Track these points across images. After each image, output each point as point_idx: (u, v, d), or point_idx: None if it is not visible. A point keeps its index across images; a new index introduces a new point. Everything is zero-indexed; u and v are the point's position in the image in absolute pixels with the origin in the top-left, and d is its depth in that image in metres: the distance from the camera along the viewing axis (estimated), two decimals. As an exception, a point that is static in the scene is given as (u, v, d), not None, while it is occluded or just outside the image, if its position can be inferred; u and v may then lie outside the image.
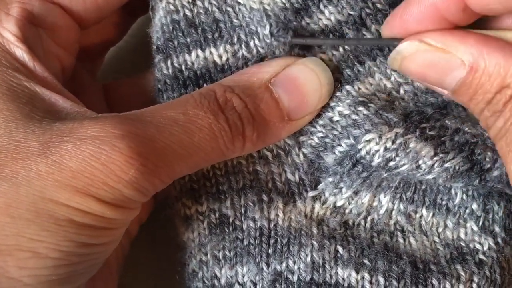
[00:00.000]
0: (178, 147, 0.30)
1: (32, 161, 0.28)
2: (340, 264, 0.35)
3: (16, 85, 0.31)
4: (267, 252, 0.35)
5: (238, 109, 0.33)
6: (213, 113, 0.32)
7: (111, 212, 0.29)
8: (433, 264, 0.35)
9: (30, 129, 0.29)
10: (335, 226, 0.36)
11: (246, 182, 0.36)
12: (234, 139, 0.32)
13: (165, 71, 0.37)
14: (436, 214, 0.36)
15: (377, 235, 0.36)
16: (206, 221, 0.36)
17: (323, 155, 0.36)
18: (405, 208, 0.36)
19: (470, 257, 0.35)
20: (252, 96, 0.33)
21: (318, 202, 0.36)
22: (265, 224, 0.36)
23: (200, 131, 0.31)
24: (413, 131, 0.34)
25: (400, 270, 0.34)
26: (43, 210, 0.28)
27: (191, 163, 0.32)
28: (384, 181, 0.36)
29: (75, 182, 0.28)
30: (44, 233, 0.28)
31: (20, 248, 0.28)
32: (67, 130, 0.29)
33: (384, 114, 0.35)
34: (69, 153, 0.28)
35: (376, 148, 0.34)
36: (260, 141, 0.34)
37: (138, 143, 0.29)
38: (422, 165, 0.33)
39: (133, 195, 0.30)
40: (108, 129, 0.29)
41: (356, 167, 0.35)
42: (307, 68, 0.35)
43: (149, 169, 0.29)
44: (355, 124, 0.35)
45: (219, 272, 0.36)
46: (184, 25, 0.37)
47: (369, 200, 0.36)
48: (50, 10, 0.35)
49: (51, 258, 0.29)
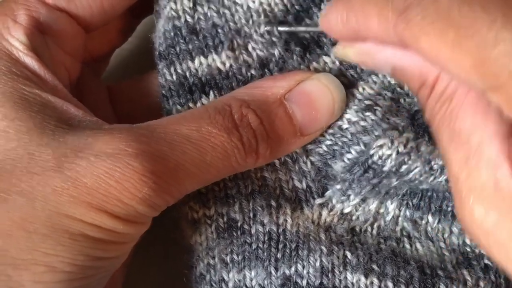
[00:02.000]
0: (190, 165, 0.31)
1: (47, 176, 0.29)
2: (349, 269, 0.35)
3: (28, 93, 0.31)
4: (275, 256, 0.35)
5: (253, 125, 0.33)
6: (227, 131, 0.32)
7: (124, 227, 0.30)
8: (440, 269, 0.35)
9: (44, 141, 0.30)
10: (342, 232, 0.36)
11: (254, 187, 0.36)
12: (247, 156, 0.33)
13: (169, 77, 0.37)
14: (442, 220, 0.37)
15: (384, 241, 0.36)
16: (214, 225, 0.36)
17: (331, 163, 0.36)
18: (411, 215, 0.37)
19: (475, 262, 0.36)
20: (267, 112, 0.34)
21: (325, 209, 0.37)
22: (273, 228, 0.36)
23: (213, 150, 0.31)
24: (422, 135, 0.34)
25: (409, 275, 0.35)
26: (59, 225, 0.29)
27: (202, 180, 0.32)
28: (392, 188, 0.36)
29: (90, 198, 0.29)
30: (60, 247, 0.29)
31: (35, 263, 0.28)
32: (81, 145, 0.30)
33: (392, 119, 0.35)
34: (84, 169, 0.29)
35: (389, 153, 0.34)
36: (272, 157, 0.35)
37: (152, 161, 0.30)
38: (435, 165, 0.34)
39: (145, 211, 0.30)
40: (123, 146, 0.30)
41: (367, 173, 0.35)
42: (321, 84, 0.35)
43: (161, 186, 0.30)
44: (364, 130, 0.35)
45: (226, 275, 0.35)
46: (186, 32, 0.37)
47: (376, 207, 0.37)
48: (57, 17, 0.35)
49: (66, 272, 0.29)
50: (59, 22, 0.35)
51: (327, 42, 0.37)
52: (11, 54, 0.32)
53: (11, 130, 0.30)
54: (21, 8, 0.33)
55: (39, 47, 0.33)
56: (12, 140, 0.30)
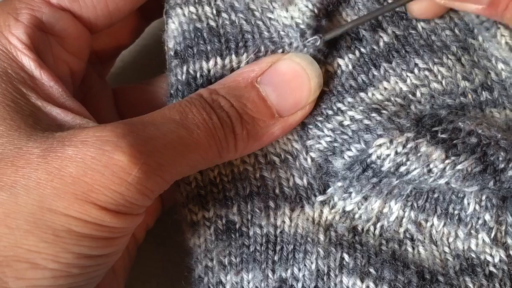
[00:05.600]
0: (178, 144, 0.31)
1: (32, 168, 0.28)
2: (345, 273, 0.34)
3: (20, 98, 0.32)
4: (273, 259, 0.36)
5: (225, 108, 0.33)
6: (205, 110, 0.32)
7: (113, 219, 0.29)
8: (441, 275, 0.34)
9: (32, 137, 0.29)
10: (344, 231, 0.36)
11: (253, 189, 0.37)
12: (227, 137, 0.33)
13: (180, 76, 0.37)
14: (448, 224, 0.36)
15: (386, 243, 0.36)
16: (212, 227, 0.37)
17: (331, 160, 0.36)
18: (416, 216, 0.36)
19: (480, 269, 0.35)
20: (237, 97, 0.34)
21: (327, 206, 0.36)
22: (271, 231, 0.36)
23: (197, 127, 0.32)
24: (424, 134, 0.33)
25: (406, 280, 0.34)
26: (41, 220, 0.28)
27: (191, 160, 0.32)
28: (395, 188, 0.36)
29: (75, 189, 0.28)
30: (43, 244, 0.28)
31: (18, 259, 0.28)
32: (68, 136, 0.29)
33: (397, 120, 0.34)
34: (69, 158, 0.28)
35: (387, 153, 0.34)
36: (252, 139, 0.34)
37: (140, 141, 0.29)
38: (434, 168, 0.33)
39: (136, 198, 0.29)
40: (110, 128, 0.29)
41: (366, 172, 0.35)
42: (294, 63, 0.35)
43: (151, 167, 0.29)
44: (367, 129, 0.35)
45: (224, 278, 0.36)
46: (207, 34, 0.37)
47: (379, 207, 0.36)
48: (60, 17, 0.35)
49: (49, 269, 0.28)
50: (63, 22, 0.35)
51: (344, 43, 0.37)
52: (8, 53, 0.33)
53: (2, 127, 0.30)
54: (24, 7, 0.33)
55: (40, 45, 0.33)
56: (2, 136, 0.30)
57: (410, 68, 0.36)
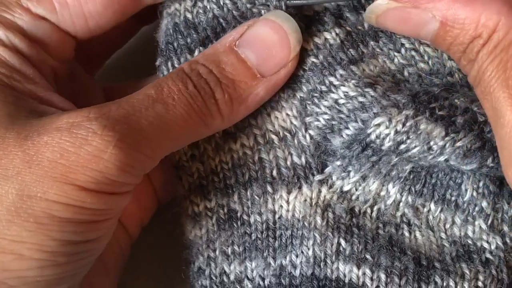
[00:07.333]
0: (154, 119, 0.31)
1: (10, 158, 0.28)
2: (341, 259, 0.35)
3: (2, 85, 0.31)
4: (273, 246, 0.36)
5: (203, 75, 0.33)
6: (181, 81, 0.32)
7: (94, 199, 0.29)
8: (437, 261, 0.35)
9: (10, 126, 0.29)
10: (341, 213, 0.36)
11: (251, 174, 0.37)
12: (207, 103, 0.33)
13: (166, 73, 0.37)
14: (445, 210, 0.36)
15: (383, 226, 0.36)
16: (215, 217, 0.37)
17: (330, 138, 0.36)
18: (413, 201, 0.36)
19: (476, 256, 0.35)
20: (216, 62, 0.34)
21: (325, 186, 0.36)
22: (270, 217, 0.36)
23: (172, 100, 0.32)
24: (423, 112, 0.33)
25: (403, 267, 0.34)
26: (22, 208, 0.28)
27: (173, 134, 0.32)
28: (393, 170, 0.36)
29: (52, 172, 0.28)
30: (26, 233, 0.28)
31: (2, 251, 0.28)
32: (43, 123, 0.29)
33: (392, 96, 0.34)
34: (45, 144, 0.28)
35: (387, 132, 0.33)
36: (236, 103, 0.34)
37: (113, 120, 0.29)
38: (434, 146, 0.33)
39: (116, 175, 0.29)
40: (84, 114, 0.29)
41: (365, 151, 0.35)
42: (269, 21, 0.35)
43: (128, 144, 0.29)
44: (362, 107, 0.35)
45: (228, 268, 0.36)
46: (184, 27, 0.37)
47: (377, 188, 0.36)
48: (41, 25, 0.35)
49: (35, 259, 0.28)
50: (43, 30, 0.35)
51: (329, 20, 0.36)
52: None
53: None
54: (4, 12, 0.34)
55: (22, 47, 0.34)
56: None
57: (396, 48, 0.36)
